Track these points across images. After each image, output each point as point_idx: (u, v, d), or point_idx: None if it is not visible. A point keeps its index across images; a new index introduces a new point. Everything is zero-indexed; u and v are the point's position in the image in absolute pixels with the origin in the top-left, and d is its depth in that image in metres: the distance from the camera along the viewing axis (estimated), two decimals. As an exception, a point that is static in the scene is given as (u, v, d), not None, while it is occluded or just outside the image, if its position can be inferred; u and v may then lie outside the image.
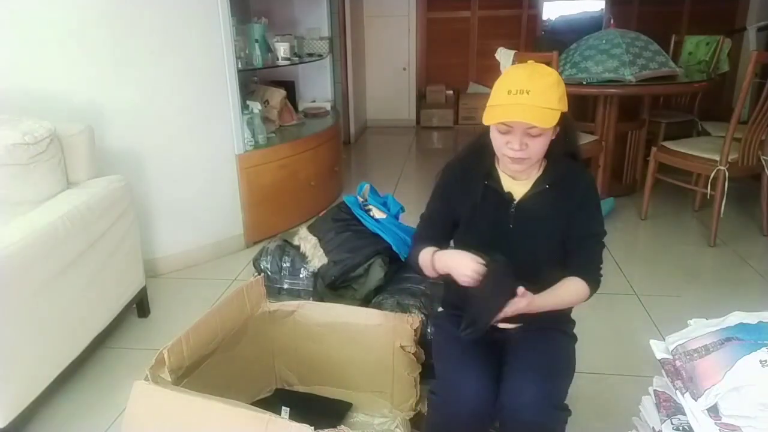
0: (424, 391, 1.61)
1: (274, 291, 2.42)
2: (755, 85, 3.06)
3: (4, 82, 2.36)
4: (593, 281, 1.35)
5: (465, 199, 1.42)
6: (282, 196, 3.29)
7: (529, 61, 1.32)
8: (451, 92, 6.57)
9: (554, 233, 1.38)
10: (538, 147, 1.28)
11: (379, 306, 1.99)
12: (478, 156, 1.41)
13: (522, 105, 1.22)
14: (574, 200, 1.36)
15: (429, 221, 1.52)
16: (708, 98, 4.44)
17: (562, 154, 1.36)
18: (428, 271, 1.40)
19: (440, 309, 1.61)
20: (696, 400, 1.09)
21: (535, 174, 1.37)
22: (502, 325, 1.40)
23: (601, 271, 1.38)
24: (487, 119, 1.27)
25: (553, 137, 1.30)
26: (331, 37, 4.43)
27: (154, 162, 2.72)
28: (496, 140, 1.31)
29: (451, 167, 1.47)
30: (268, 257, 2.46)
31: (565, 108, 1.27)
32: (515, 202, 1.37)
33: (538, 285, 1.40)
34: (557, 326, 1.39)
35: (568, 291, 1.32)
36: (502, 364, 1.33)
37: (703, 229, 3.34)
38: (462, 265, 1.27)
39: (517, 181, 1.37)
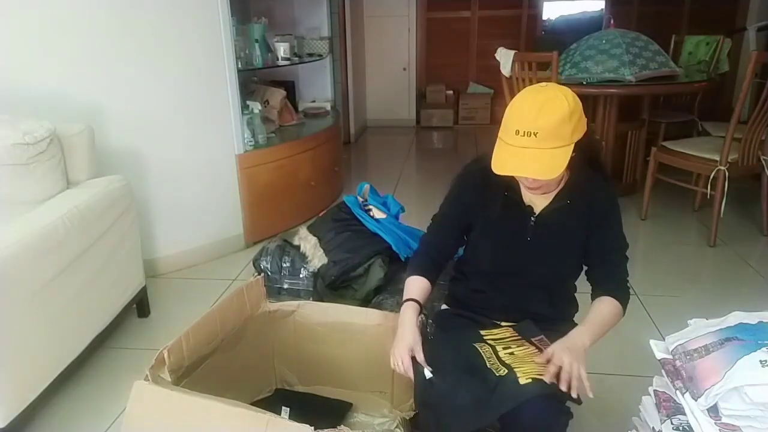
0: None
1: (274, 291, 2.42)
2: (755, 85, 3.06)
3: (4, 82, 2.36)
4: (625, 299, 1.36)
5: (482, 208, 1.40)
6: (282, 196, 3.29)
7: (543, 85, 1.26)
8: (451, 92, 6.57)
9: (573, 247, 1.38)
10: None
11: (379, 306, 2.00)
12: None
13: (528, 150, 1.18)
14: (595, 215, 1.35)
15: (440, 225, 1.51)
16: (708, 98, 4.44)
17: (584, 166, 1.34)
18: None
19: (444, 306, 1.60)
20: (696, 400, 1.09)
21: (556, 187, 1.36)
22: (506, 325, 1.41)
23: (629, 284, 1.38)
24: (495, 165, 1.23)
25: (573, 154, 1.24)
26: (331, 37, 4.43)
27: (154, 162, 2.72)
28: None
29: (470, 174, 1.44)
30: (268, 257, 2.46)
31: (580, 135, 1.23)
32: (535, 215, 1.36)
33: (551, 295, 1.41)
34: (559, 328, 1.39)
35: (608, 316, 1.31)
36: None
37: (703, 229, 3.34)
38: (397, 344, 1.33)
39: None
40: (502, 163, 1.23)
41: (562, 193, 1.36)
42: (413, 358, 1.31)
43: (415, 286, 1.44)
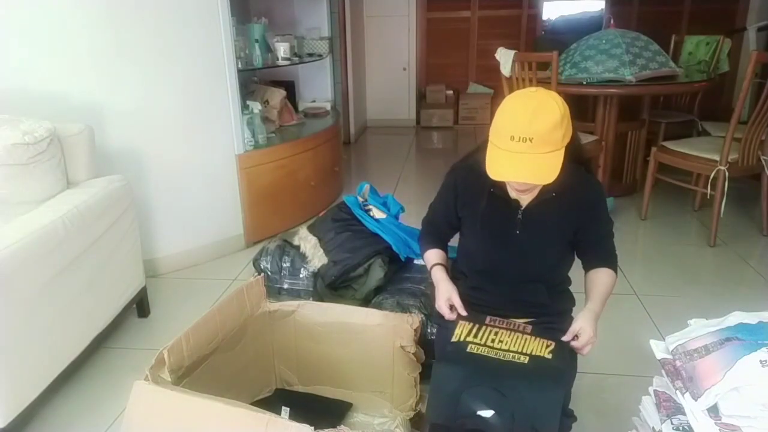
0: (424, 391, 1.61)
1: (274, 291, 2.42)
2: (755, 85, 3.06)
3: (4, 82, 2.36)
4: (615, 264, 1.46)
5: (470, 205, 1.44)
6: (282, 196, 3.29)
7: (532, 90, 1.27)
8: (451, 92, 6.57)
9: (561, 238, 1.41)
10: None
11: (379, 306, 2.00)
12: (484, 162, 1.40)
13: (523, 156, 1.21)
14: (583, 208, 1.39)
15: (432, 221, 1.59)
16: (708, 98, 4.44)
17: (567, 160, 1.34)
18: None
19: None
20: (696, 400, 1.09)
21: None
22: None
23: (615, 251, 1.47)
24: (490, 170, 1.25)
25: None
26: (331, 37, 4.43)
27: (154, 162, 2.72)
28: None
29: (456, 172, 1.48)
30: (268, 257, 2.46)
31: (569, 137, 1.26)
32: (522, 209, 1.39)
33: (549, 286, 1.43)
34: (561, 326, 1.40)
35: (609, 285, 1.41)
36: None
37: (703, 229, 3.34)
38: (437, 299, 1.44)
39: None
40: (497, 169, 1.26)
41: (547, 186, 1.36)
42: None
43: (435, 255, 1.54)
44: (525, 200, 1.39)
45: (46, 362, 1.80)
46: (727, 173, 2.95)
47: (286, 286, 2.43)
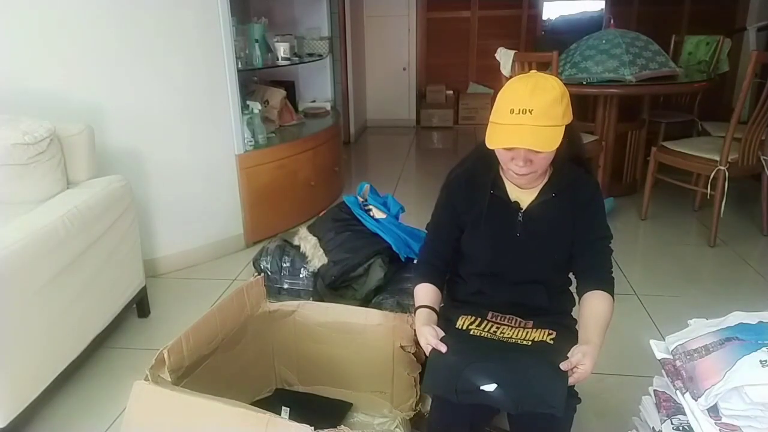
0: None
1: (274, 291, 2.42)
2: (755, 85, 3.06)
3: (4, 82, 2.36)
4: (611, 287, 1.36)
5: (471, 208, 1.42)
6: (282, 196, 3.29)
7: (532, 72, 1.30)
8: (451, 92, 6.57)
9: (562, 240, 1.39)
10: (544, 161, 1.29)
11: (379, 306, 2.00)
12: (482, 165, 1.41)
13: (524, 126, 1.21)
14: (580, 206, 1.38)
15: (434, 234, 1.52)
16: (708, 98, 4.44)
17: (567, 159, 1.36)
18: None
19: (441, 305, 1.60)
20: (696, 400, 1.09)
21: (541, 182, 1.38)
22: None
23: (612, 275, 1.39)
24: (490, 141, 1.26)
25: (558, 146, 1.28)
26: (331, 37, 4.43)
27: (154, 162, 2.72)
28: (501, 155, 1.31)
29: (455, 178, 1.47)
30: (268, 257, 2.47)
31: (569, 119, 1.26)
32: (522, 211, 1.38)
33: (549, 289, 1.42)
34: (562, 322, 1.41)
35: (608, 315, 1.31)
36: None
37: (703, 229, 3.34)
38: (420, 335, 1.31)
39: (523, 189, 1.38)
40: (496, 139, 1.25)
41: (547, 187, 1.37)
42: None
43: (424, 293, 1.44)
44: (525, 201, 1.38)
45: (46, 362, 1.80)
46: (727, 173, 2.95)
47: (286, 286, 2.43)
